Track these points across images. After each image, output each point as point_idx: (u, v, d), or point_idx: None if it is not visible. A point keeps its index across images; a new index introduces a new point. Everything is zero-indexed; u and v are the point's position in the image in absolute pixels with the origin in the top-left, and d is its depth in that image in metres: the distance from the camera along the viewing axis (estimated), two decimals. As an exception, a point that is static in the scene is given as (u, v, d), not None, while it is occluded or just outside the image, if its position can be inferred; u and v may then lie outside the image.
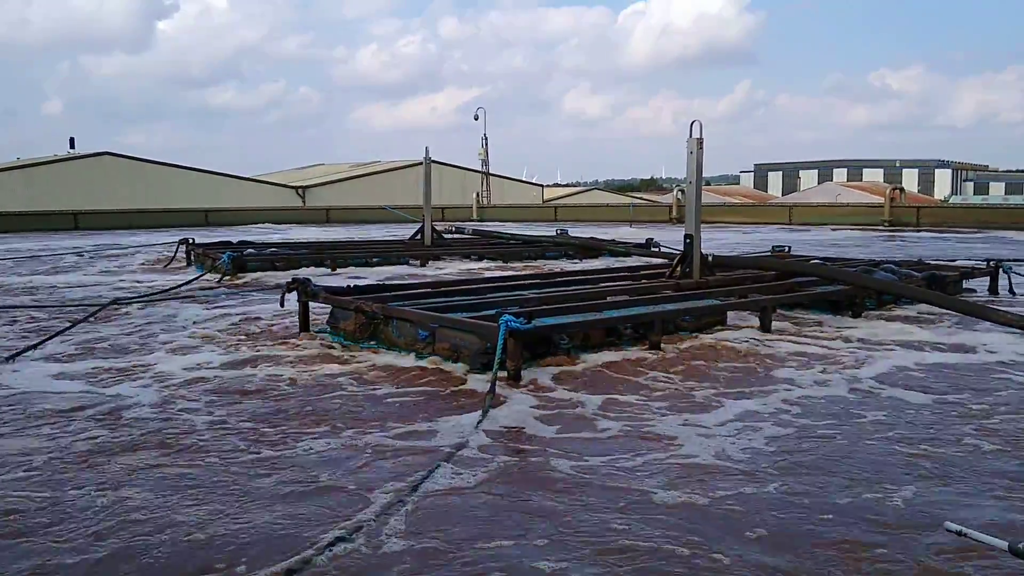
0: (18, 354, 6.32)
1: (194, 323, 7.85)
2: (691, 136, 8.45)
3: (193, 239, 14.36)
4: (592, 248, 15.21)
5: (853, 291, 8.15)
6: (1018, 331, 7.02)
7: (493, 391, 4.94)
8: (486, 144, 41.24)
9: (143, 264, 14.23)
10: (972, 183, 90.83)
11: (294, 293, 7.28)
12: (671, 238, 15.77)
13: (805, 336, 7.06)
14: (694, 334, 6.91)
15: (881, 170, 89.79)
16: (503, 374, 5.32)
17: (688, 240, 8.65)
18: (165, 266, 13.61)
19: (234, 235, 18.43)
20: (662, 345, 6.40)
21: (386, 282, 10.28)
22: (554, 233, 16.23)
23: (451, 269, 13.29)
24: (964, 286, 9.68)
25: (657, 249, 14.16)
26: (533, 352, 5.87)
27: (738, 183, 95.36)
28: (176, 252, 14.13)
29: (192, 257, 13.79)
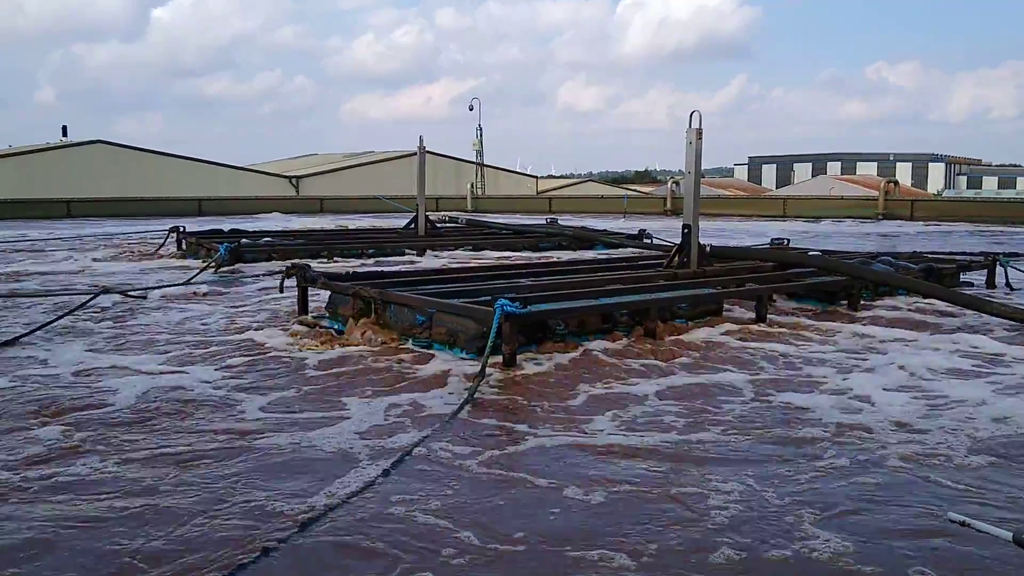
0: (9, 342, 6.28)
1: (190, 314, 7.80)
2: (690, 126, 8.40)
3: (184, 227, 14.16)
4: (586, 239, 15.16)
5: (850, 282, 8.14)
6: (1015, 323, 7.03)
7: (483, 374, 4.94)
8: (481, 135, 41.03)
9: (135, 252, 14.12)
10: (965, 177, 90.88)
11: (293, 279, 7.27)
12: (665, 230, 15.75)
13: (799, 327, 7.07)
14: (690, 323, 6.89)
15: (875, 164, 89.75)
16: (498, 359, 5.31)
17: (686, 230, 8.61)
18: (154, 252, 13.52)
19: (227, 224, 18.29)
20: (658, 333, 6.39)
21: (383, 269, 10.24)
22: (544, 222, 16.15)
23: (445, 258, 13.23)
24: (961, 279, 9.67)
25: (650, 240, 14.13)
26: (529, 338, 5.86)
27: (732, 176, 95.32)
28: (166, 240, 13.96)
29: (183, 246, 13.63)
